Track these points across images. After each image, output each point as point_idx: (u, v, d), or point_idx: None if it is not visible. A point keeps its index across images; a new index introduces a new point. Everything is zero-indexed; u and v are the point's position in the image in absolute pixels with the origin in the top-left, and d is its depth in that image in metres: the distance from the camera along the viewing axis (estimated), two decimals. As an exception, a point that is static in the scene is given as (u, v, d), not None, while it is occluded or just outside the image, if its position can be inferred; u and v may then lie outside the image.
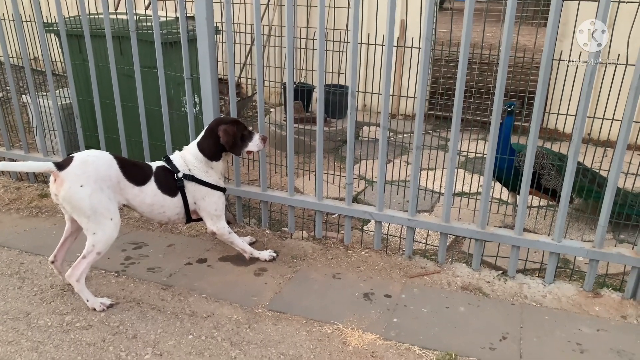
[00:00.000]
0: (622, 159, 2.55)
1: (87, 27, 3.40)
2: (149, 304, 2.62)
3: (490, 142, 2.75)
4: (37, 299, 2.65)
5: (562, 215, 2.73)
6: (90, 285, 2.70)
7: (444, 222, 2.95)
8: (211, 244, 3.22)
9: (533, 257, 3.02)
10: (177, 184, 2.79)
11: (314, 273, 2.93)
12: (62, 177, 2.48)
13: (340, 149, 5.00)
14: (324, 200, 3.22)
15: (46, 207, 3.65)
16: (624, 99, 2.51)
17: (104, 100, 3.61)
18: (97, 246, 2.52)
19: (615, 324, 2.54)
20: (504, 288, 2.80)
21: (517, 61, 4.94)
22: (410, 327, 2.49)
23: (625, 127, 2.49)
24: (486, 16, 3.56)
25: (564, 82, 3.09)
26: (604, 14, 2.38)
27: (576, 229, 3.54)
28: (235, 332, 2.44)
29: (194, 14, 3.06)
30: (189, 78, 3.25)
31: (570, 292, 2.77)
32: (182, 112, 3.73)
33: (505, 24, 2.51)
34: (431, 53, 5.55)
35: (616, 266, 2.89)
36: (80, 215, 2.51)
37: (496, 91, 2.62)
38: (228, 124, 2.82)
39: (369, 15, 4.26)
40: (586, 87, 2.49)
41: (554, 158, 3.43)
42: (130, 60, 3.40)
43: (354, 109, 2.95)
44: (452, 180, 2.88)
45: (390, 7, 2.69)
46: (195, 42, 3.11)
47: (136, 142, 3.62)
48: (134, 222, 3.48)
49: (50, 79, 3.69)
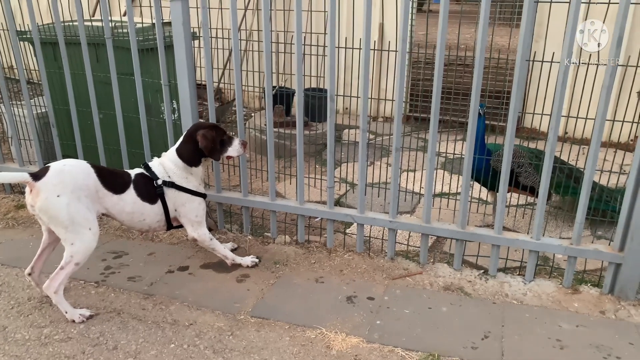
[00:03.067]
0: (596, 156, 2.60)
1: (61, 34, 3.36)
2: (130, 314, 2.59)
3: (467, 143, 2.78)
4: (14, 312, 2.59)
5: (540, 214, 2.77)
6: (69, 297, 2.66)
7: (424, 223, 2.97)
8: (192, 252, 3.19)
9: (513, 256, 3.05)
10: (157, 191, 2.77)
11: (297, 278, 2.92)
12: (38, 187, 2.44)
13: (321, 152, 5.01)
14: (305, 204, 3.22)
15: (22, 218, 3.58)
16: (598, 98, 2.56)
17: (81, 109, 3.56)
18: (75, 257, 2.48)
19: (594, 319, 2.58)
20: (485, 287, 2.83)
21: (494, 62, 5.00)
22: (393, 329, 2.49)
23: (598, 125, 2.54)
24: (462, 18, 3.60)
25: (538, 82, 3.13)
26: (575, 14, 2.43)
27: (554, 227, 3.59)
28: (218, 339, 2.42)
29: (170, 19, 3.04)
30: (167, 84, 3.22)
31: (550, 289, 2.81)
32: (160, 118, 3.70)
33: (480, 25, 2.54)
34: (409, 55, 5.63)
35: (594, 262, 2.94)
36: (57, 226, 2.47)
37: (472, 92, 2.65)
38: (206, 129, 2.81)
39: (347, 19, 4.29)
40: (560, 87, 2.54)
41: (531, 156, 3.48)
42: (106, 68, 3.36)
43: (333, 113, 2.96)
44: (431, 181, 2.90)
45: (366, 11, 2.70)
46: (173, 48, 3.09)
47: (114, 150, 3.57)
48: (113, 231, 3.43)
49: (24, 87, 3.63)
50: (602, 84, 2.48)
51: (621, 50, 2.43)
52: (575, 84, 2.96)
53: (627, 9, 2.35)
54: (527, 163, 3.42)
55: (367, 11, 2.70)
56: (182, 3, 2.98)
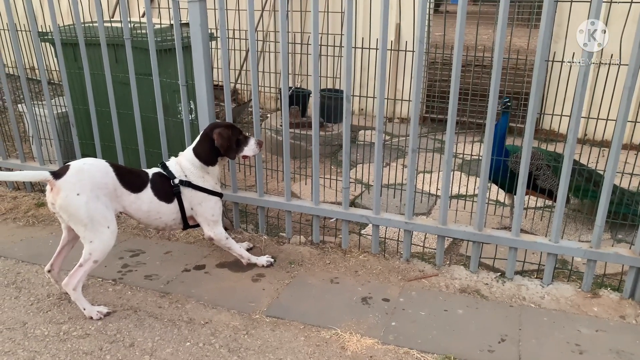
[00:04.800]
0: (617, 158, 2.55)
1: (81, 35, 3.41)
2: (146, 312, 2.62)
3: (485, 144, 2.75)
4: (33, 309, 2.64)
5: (559, 216, 2.73)
6: (87, 294, 2.69)
7: (441, 225, 2.95)
8: (208, 251, 3.21)
9: (531, 259, 3.01)
10: (174, 190, 2.79)
11: (312, 278, 2.92)
12: (58, 185, 2.48)
13: (337, 153, 5.00)
14: (321, 205, 3.22)
15: (43, 216, 3.64)
16: (619, 99, 2.51)
17: (100, 108, 3.61)
18: (94, 254, 2.52)
19: (614, 324, 2.53)
20: (502, 290, 2.80)
21: (512, 63, 4.95)
22: (409, 331, 2.48)
23: (619, 126, 2.49)
24: (479, 18, 3.56)
25: (557, 83, 3.09)
26: (596, 14, 2.39)
27: (573, 229, 3.54)
28: (233, 338, 2.43)
29: (188, 20, 3.07)
30: (184, 85, 3.25)
31: (569, 292, 2.76)
32: (178, 118, 3.73)
33: (498, 26, 2.52)
34: (426, 56, 5.59)
35: (614, 266, 2.89)
36: (77, 224, 2.51)
37: (490, 93, 2.62)
38: (223, 128, 2.83)
39: (364, 20, 4.28)
40: (580, 88, 2.50)
41: (549, 158, 3.43)
42: (125, 68, 3.40)
43: (349, 113, 2.95)
44: (448, 182, 2.88)
45: (383, 11, 2.70)
46: (190, 48, 3.12)
47: (132, 149, 3.61)
48: (131, 230, 3.47)
49: (45, 87, 3.69)
50: (624, 85, 2.43)
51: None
52: (596, 85, 2.91)
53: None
54: (545, 165, 3.37)
55: (384, 11, 2.70)
56: (199, 4, 3.00)
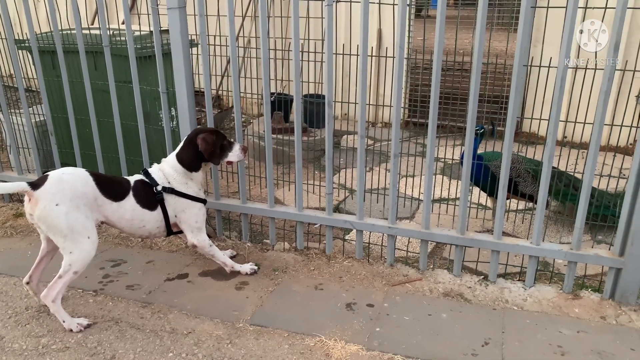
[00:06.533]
0: (595, 160, 2.59)
1: (59, 42, 3.37)
2: (128, 323, 2.58)
3: (466, 148, 2.77)
4: (11, 322, 2.58)
5: (540, 219, 2.76)
6: (67, 306, 2.64)
7: (424, 229, 2.96)
8: (191, 259, 3.18)
9: (513, 261, 3.04)
10: (157, 197, 2.76)
11: (296, 285, 2.91)
12: (36, 196, 2.43)
13: (321, 158, 5.00)
14: (304, 211, 3.21)
15: (21, 227, 3.57)
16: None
17: (79, 117, 3.57)
18: (74, 265, 2.47)
19: (595, 324, 2.56)
20: (485, 293, 2.82)
21: (492, 67, 5.01)
22: (393, 336, 2.48)
23: (596, 129, 2.53)
24: (460, 23, 3.60)
25: (536, 87, 3.13)
26: (571, 19, 2.43)
27: (555, 231, 3.58)
28: (217, 348, 2.40)
29: (168, 27, 3.04)
30: (165, 92, 3.22)
31: (551, 294, 2.79)
32: (159, 126, 3.70)
33: (477, 29, 2.54)
34: (407, 61, 5.63)
35: (595, 267, 2.93)
36: (56, 235, 2.46)
37: (470, 96, 2.65)
38: (207, 133, 2.81)
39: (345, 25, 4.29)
40: (557, 92, 2.53)
41: (530, 165, 3.47)
42: (105, 76, 3.36)
43: (331, 119, 2.95)
44: (430, 186, 2.90)
45: (363, 17, 2.71)
46: (171, 55, 3.10)
47: (113, 157, 3.57)
48: (112, 239, 3.42)
49: (23, 95, 3.63)
50: (599, 89, 2.47)
51: (619, 54, 2.43)
52: (573, 88, 2.96)
53: (623, 14, 2.35)
54: (525, 171, 3.41)
55: (365, 17, 2.71)
56: (179, 11, 2.99)
